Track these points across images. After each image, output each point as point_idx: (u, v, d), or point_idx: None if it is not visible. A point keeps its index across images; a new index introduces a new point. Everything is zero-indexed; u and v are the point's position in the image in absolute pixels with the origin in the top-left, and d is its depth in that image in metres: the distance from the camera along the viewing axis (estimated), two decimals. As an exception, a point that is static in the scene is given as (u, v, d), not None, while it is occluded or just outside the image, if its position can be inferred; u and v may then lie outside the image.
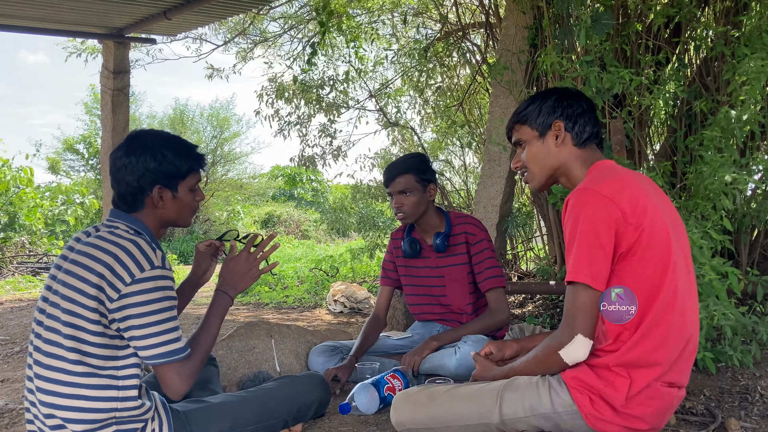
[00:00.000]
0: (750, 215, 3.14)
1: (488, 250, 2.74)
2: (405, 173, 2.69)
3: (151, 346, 1.63)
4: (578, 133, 1.77)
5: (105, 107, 6.43)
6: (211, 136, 15.66)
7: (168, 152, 1.77)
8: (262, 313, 5.26)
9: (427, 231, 2.83)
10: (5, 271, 8.17)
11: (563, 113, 1.77)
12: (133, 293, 1.60)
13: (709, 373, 2.72)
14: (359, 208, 6.61)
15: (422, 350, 2.59)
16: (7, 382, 3.07)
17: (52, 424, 1.63)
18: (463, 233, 2.77)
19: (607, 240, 1.57)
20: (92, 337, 1.61)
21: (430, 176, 2.75)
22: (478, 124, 6.11)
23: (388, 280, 2.97)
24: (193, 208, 1.87)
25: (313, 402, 2.10)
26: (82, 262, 1.64)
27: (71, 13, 5.45)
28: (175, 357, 1.65)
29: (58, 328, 1.62)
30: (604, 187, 1.62)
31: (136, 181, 1.74)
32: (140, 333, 1.61)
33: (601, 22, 3.09)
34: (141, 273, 1.62)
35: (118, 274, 1.61)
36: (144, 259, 1.63)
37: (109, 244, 1.65)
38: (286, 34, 7.21)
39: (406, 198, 2.70)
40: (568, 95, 1.81)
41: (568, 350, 1.61)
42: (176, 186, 1.79)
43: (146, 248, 1.65)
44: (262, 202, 17.80)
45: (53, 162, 15.92)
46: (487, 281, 2.70)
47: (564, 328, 1.62)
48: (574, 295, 1.61)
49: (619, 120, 3.00)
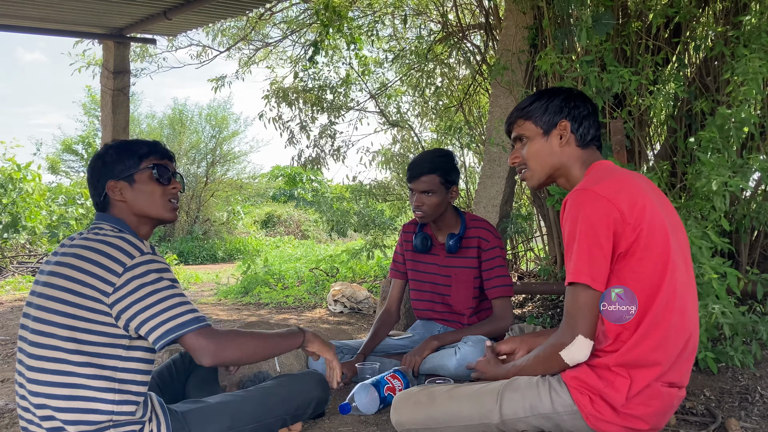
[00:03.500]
0: (750, 216, 3.14)
1: (500, 258, 2.73)
2: (431, 173, 2.64)
3: (159, 324, 1.61)
4: (582, 135, 1.78)
5: (105, 107, 6.43)
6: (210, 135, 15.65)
7: (111, 150, 1.83)
8: (263, 313, 5.27)
9: (441, 229, 2.81)
10: (5, 271, 8.17)
11: (570, 114, 1.78)
12: (127, 281, 1.61)
13: (709, 373, 2.72)
14: (359, 208, 6.61)
15: (422, 350, 2.59)
16: (7, 382, 3.07)
17: (49, 426, 1.62)
18: (476, 237, 2.75)
19: (605, 240, 1.58)
20: (93, 337, 1.60)
21: (455, 177, 2.71)
22: (477, 124, 6.11)
23: (399, 273, 2.95)
24: (164, 198, 1.83)
25: (311, 400, 2.10)
26: (71, 263, 1.64)
27: (71, 13, 5.45)
28: (189, 328, 1.63)
29: (54, 331, 1.60)
30: (602, 188, 1.62)
31: (95, 182, 1.81)
32: (145, 315, 1.61)
33: (601, 23, 3.09)
34: (131, 260, 1.63)
35: (108, 267, 1.61)
36: (132, 247, 1.65)
37: (96, 242, 1.66)
38: (287, 38, 7.23)
39: (428, 198, 2.66)
40: (575, 96, 1.81)
41: (570, 351, 1.62)
42: (131, 176, 1.80)
43: (133, 239, 1.68)
44: (262, 202, 17.79)
45: (53, 162, 15.92)
46: (495, 289, 2.70)
47: (565, 329, 1.62)
48: (575, 295, 1.61)
49: (619, 120, 3.00)
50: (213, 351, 1.65)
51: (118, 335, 1.63)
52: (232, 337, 1.72)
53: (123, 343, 1.64)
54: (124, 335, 1.64)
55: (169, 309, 1.62)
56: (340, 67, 6.87)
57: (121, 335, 1.64)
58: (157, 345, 1.63)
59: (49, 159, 15.95)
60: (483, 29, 5.33)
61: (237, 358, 1.74)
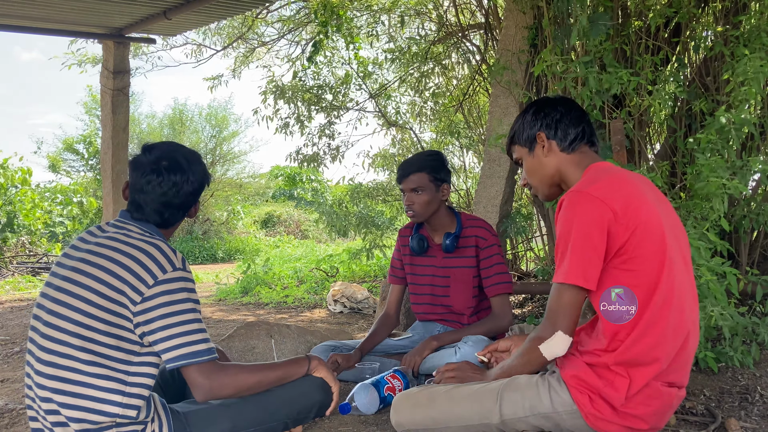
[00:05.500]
0: (749, 216, 3.15)
1: (498, 255, 2.73)
2: (419, 171, 2.67)
3: (175, 347, 1.62)
4: (561, 138, 1.81)
5: (105, 107, 6.43)
6: (210, 135, 15.66)
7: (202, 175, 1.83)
8: (262, 313, 5.27)
9: (436, 230, 2.81)
10: (5, 271, 8.17)
11: (542, 123, 1.83)
12: (156, 295, 1.61)
13: (709, 373, 2.72)
14: (359, 209, 6.61)
15: (422, 350, 2.59)
16: (7, 382, 3.07)
17: (53, 420, 1.62)
18: (473, 236, 2.75)
19: (599, 241, 1.60)
20: (106, 338, 1.60)
21: (445, 176, 2.72)
22: (477, 124, 6.12)
23: (397, 278, 2.95)
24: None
25: (313, 404, 2.10)
26: (98, 262, 1.63)
27: (71, 13, 5.45)
28: (198, 359, 1.65)
29: (69, 328, 1.60)
30: (596, 189, 1.64)
31: (189, 196, 1.79)
32: (164, 334, 1.61)
33: (598, 23, 3.10)
34: (163, 274, 1.63)
35: (140, 276, 1.61)
36: (166, 260, 1.65)
37: (128, 246, 1.65)
38: (284, 38, 7.22)
39: (417, 196, 2.68)
40: (545, 104, 1.86)
41: (549, 345, 1.65)
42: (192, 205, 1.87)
43: (167, 250, 1.67)
44: (261, 202, 17.80)
45: (53, 160, 15.91)
46: (494, 287, 2.70)
47: (546, 325, 1.66)
48: (560, 294, 1.64)
49: (619, 120, 3.00)
50: (207, 390, 1.68)
51: (132, 341, 1.64)
52: (231, 374, 1.73)
53: (135, 350, 1.65)
54: (137, 342, 1.65)
55: (187, 334, 1.63)
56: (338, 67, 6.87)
57: (135, 341, 1.64)
58: (168, 366, 1.65)
59: (50, 158, 15.95)
60: (483, 29, 5.34)
61: (231, 395, 1.76)
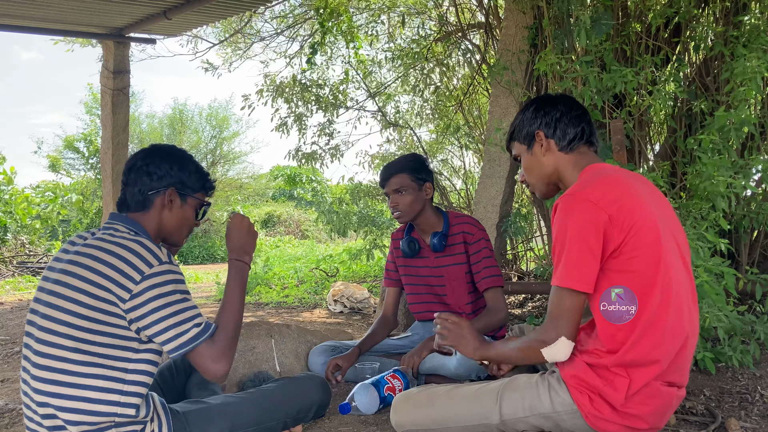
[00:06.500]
0: (749, 216, 3.15)
1: (486, 249, 2.74)
2: (399, 173, 2.72)
3: (173, 338, 1.64)
4: (560, 138, 1.81)
5: (105, 107, 6.43)
6: (210, 135, 15.67)
7: (190, 164, 1.88)
8: (262, 313, 5.26)
9: (425, 230, 2.83)
10: (5, 271, 8.17)
11: (542, 122, 1.82)
12: (144, 290, 1.62)
13: (709, 373, 2.72)
14: (359, 208, 6.61)
15: (422, 350, 2.58)
16: (7, 382, 3.07)
17: (50, 425, 1.62)
18: (461, 233, 2.77)
19: (595, 243, 1.60)
20: (100, 338, 1.60)
21: (426, 175, 2.75)
22: (477, 124, 6.11)
23: (391, 281, 2.98)
24: (190, 227, 1.92)
25: (312, 404, 2.11)
26: (85, 263, 1.63)
27: (71, 13, 5.45)
28: (197, 341, 1.66)
29: (63, 330, 1.60)
30: (590, 192, 1.64)
31: (155, 179, 1.80)
32: (160, 327, 1.62)
33: (600, 23, 3.10)
34: (150, 269, 1.63)
35: (126, 274, 1.61)
36: (151, 255, 1.65)
37: (113, 245, 1.66)
38: (281, 35, 7.20)
39: (401, 197, 2.71)
40: (545, 102, 1.85)
41: (552, 350, 1.64)
42: (186, 197, 1.86)
43: (151, 246, 1.67)
44: (261, 202, 17.81)
45: (54, 160, 15.90)
46: (485, 281, 2.70)
47: (549, 329, 1.64)
48: (561, 298, 1.63)
49: (619, 120, 3.00)
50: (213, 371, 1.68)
51: (130, 338, 1.64)
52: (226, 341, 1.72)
53: (133, 346, 1.65)
54: (135, 338, 1.65)
55: (177, 325, 1.64)
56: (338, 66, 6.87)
57: (133, 338, 1.65)
58: (172, 355, 1.66)
59: (51, 157, 15.94)
60: (483, 29, 5.33)
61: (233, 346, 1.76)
